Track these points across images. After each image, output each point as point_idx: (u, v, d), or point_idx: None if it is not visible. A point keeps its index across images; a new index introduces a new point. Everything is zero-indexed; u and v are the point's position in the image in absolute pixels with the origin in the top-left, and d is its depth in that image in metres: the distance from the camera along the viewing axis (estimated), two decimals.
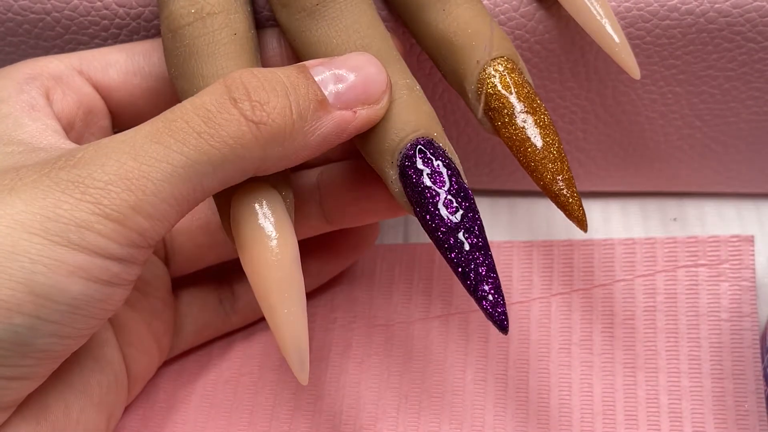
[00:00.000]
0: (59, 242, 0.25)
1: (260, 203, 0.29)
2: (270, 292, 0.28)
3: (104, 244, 0.26)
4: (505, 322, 0.28)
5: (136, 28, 0.35)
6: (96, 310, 0.27)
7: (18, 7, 0.35)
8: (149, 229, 0.26)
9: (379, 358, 0.37)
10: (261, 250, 0.28)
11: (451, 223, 0.28)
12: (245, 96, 0.27)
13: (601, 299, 0.37)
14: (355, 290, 0.40)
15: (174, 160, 0.26)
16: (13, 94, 0.31)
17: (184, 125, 0.27)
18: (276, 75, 0.28)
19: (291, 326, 0.28)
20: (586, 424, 0.34)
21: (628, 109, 0.37)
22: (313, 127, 0.28)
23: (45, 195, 0.25)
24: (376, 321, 0.38)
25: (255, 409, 0.36)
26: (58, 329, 0.26)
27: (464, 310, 0.38)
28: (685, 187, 0.40)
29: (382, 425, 0.35)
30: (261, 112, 0.27)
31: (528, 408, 0.35)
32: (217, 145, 0.27)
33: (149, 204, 0.26)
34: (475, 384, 0.36)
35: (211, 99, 0.27)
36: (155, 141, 0.26)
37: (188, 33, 0.30)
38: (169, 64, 0.31)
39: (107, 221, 0.26)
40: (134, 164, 0.26)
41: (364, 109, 0.29)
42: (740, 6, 0.33)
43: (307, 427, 0.36)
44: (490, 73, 0.30)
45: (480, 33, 0.31)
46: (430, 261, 0.40)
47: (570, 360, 0.36)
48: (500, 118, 0.30)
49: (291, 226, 0.29)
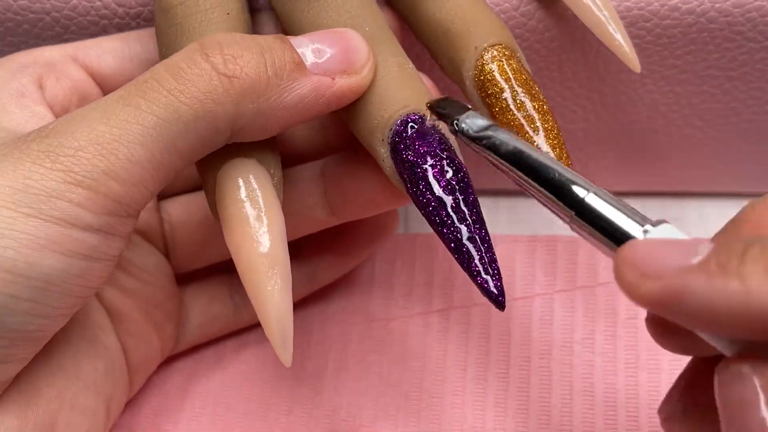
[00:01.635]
0: (30, 213, 0.25)
1: (246, 178, 0.28)
2: (253, 269, 0.27)
3: (78, 213, 0.25)
4: (501, 297, 0.27)
5: (135, 27, 0.35)
6: (74, 286, 0.26)
7: (17, 6, 0.35)
8: (125, 195, 0.26)
9: (378, 356, 0.37)
10: (245, 225, 0.28)
11: (442, 198, 0.28)
12: (218, 51, 0.27)
13: (604, 297, 0.37)
14: (355, 282, 0.39)
15: (145, 121, 0.26)
16: (3, 83, 0.31)
17: (155, 84, 0.26)
18: (253, 37, 0.28)
19: (274, 304, 0.27)
20: (587, 423, 0.34)
21: (628, 108, 0.37)
22: (289, 86, 0.27)
23: (15, 167, 0.25)
24: (375, 315, 0.38)
25: (252, 404, 0.36)
26: (32, 307, 0.25)
27: (466, 305, 0.38)
28: (685, 187, 0.40)
29: (382, 423, 0.35)
30: (233, 65, 0.27)
31: (529, 407, 0.35)
32: (187, 101, 0.26)
33: (122, 168, 0.25)
34: (475, 383, 0.36)
35: (183, 56, 0.27)
36: (126, 103, 0.26)
37: (180, 12, 0.30)
38: (160, 44, 0.30)
39: (79, 189, 0.25)
40: (105, 128, 0.25)
41: (343, 77, 0.28)
42: (741, 5, 0.33)
43: (304, 422, 0.35)
44: (488, 59, 0.30)
45: (477, 20, 0.31)
46: (432, 251, 0.39)
47: (572, 358, 0.36)
48: (498, 103, 0.30)
49: (278, 203, 0.29)
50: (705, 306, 0.20)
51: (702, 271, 0.20)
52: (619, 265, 0.21)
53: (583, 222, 0.23)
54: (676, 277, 0.20)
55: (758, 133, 0.37)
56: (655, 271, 0.21)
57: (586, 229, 0.23)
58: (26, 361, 0.27)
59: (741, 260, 0.20)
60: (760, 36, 0.34)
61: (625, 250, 0.21)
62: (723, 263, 0.20)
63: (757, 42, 0.34)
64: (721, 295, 0.20)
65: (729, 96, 0.36)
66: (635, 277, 0.21)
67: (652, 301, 0.21)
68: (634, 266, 0.21)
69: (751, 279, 0.20)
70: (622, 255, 0.21)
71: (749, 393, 0.20)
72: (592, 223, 0.23)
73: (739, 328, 0.20)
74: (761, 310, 0.20)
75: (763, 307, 0.19)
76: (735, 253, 0.20)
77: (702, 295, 0.20)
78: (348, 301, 0.39)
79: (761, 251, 0.20)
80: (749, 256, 0.20)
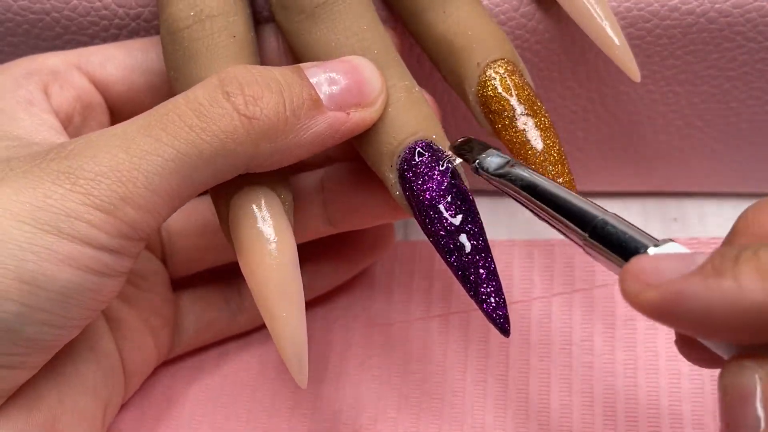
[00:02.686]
0: (49, 231, 0.25)
1: (259, 206, 0.29)
2: (268, 296, 0.28)
3: (94, 235, 0.26)
4: (507, 325, 0.28)
5: (135, 28, 0.35)
6: (87, 300, 0.27)
7: (17, 7, 0.35)
8: (139, 220, 0.27)
9: (379, 359, 0.37)
10: (259, 253, 0.28)
11: (450, 227, 0.28)
12: (238, 90, 0.27)
13: (602, 300, 0.37)
14: (355, 288, 0.39)
15: (165, 153, 0.26)
16: (9, 90, 0.31)
17: (176, 118, 0.27)
18: (271, 72, 0.28)
19: (290, 330, 0.28)
20: (586, 425, 0.34)
21: (628, 109, 0.37)
22: (306, 125, 0.28)
23: (35, 185, 0.26)
24: (376, 320, 0.38)
25: (253, 408, 0.36)
26: (49, 318, 0.26)
27: (465, 309, 0.38)
28: (685, 187, 0.40)
29: (382, 426, 0.35)
30: (254, 106, 0.27)
31: (528, 409, 0.35)
32: (208, 139, 0.27)
33: (139, 196, 0.26)
34: (475, 385, 0.36)
35: (204, 93, 0.27)
36: (147, 134, 0.26)
37: (187, 36, 0.30)
38: (168, 66, 0.31)
39: (97, 211, 0.26)
40: (125, 156, 0.26)
41: (357, 111, 0.29)
42: (741, 6, 0.33)
43: (306, 427, 0.35)
44: (491, 75, 0.30)
45: (480, 35, 0.31)
46: (431, 258, 0.39)
47: (570, 361, 0.36)
48: (501, 120, 0.30)
49: (290, 229, 0.29)
50: (702, 307, 0.21)
51: (698, 275, 0.21)
52: (623, 277, 0.22)
53: (596, 243, 0.25)
54: (674, 282, 0.21)
55: (758, 133, 0.37)
56: (656, 280, 0.22)
57: (599, 249, 0.25)
58: (37, 368, 0.28)
59: (735, 262, 0.21)
60: (760, 36, 0.34)
61: (629, 264, 0.22)
62: (718, 266, 0.21)
63: (757, 42, 0.34)
64: (716, 294, 0.21)
65: (729, 96, 0.36)
66: (637, 286, 0.22)
67: (652, 307, 0.22)
68: (636, 277, 0.22)
69: (743, 277, 0.20)
70: (626, 268, 0.22)
71: (749, 385, 0.21)
72: (605, 244, 0.24)
73: (736, 328, 0.21)
74: (754, 306, 0.20)
75: (756, 304, 0.20)
76: (729, 257, 0.21)
77: (698, 296, 0.21)
78: (349, 307, 0.39)
79: (753, 253, 0.21)
80: (742, 258, 0.21)
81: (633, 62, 0.32)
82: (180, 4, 0.30)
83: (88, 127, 0.34)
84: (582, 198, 0.26)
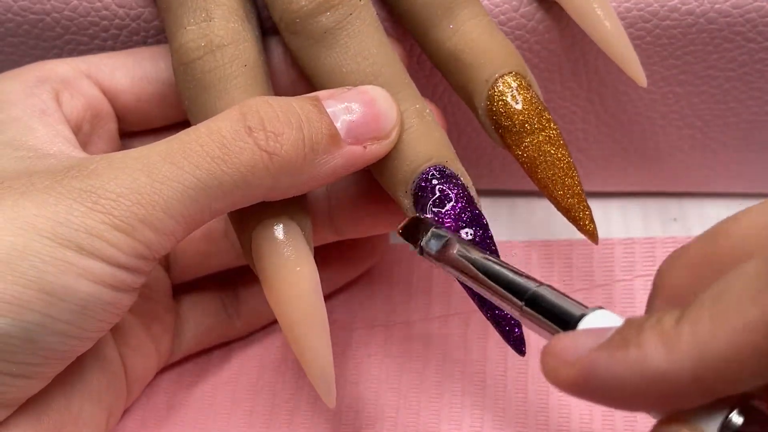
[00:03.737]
0: (69, 246, 0.26)
1: (281, 236, 0.30)
2: (295, 324, 0.29)
3: (112, 253, 0.26)
4: (522, 346, 0.30)
5: (135, 28, 0.35)
6: (103, 312, 0.27)
7: (18, 7, 0.35)
8: (156, 242, 0.27)
9: (378, 359, 0.37)
10: (284, 283, 0.29)
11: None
12: (260, 125, 0.28)
13: (601, 299, 0.37)
14: (355, 289, 0.40)
15: (186, 181, 0.27)
16: (23, 98, 0.31)
17: (199, 148, 0.27)
18: (291, 106, 0.29)
19: (317, 355, 0.29)
20: (585, 424, 0.34)
21: (628, 109, 0.37)
22: (324, 160, 0.29)
23: (57, 201, 0.26)
24: (375, 321, 0.38)
25: (254, 410, 0.36)
26: (68, 329, 0.27)
27: (464, 311, 0.38)
28: (685, 187, 0.40)
29: (382, 425, 0.35)
30: (275, 142, 0.28)
31: (527, 408, 0.35)
32: (229, 171, 0.27)
33: (158, 219, 0.27)
34: (474, 385, 0.36)
35: (226, 125, 0.28)
36: (169, 161, 0.27)
37: (199, 67, 0.30)
38: (182, 96, 0.31)
39: (116, 231, 0.26)
40: (147, 180, 0.27)
41: (374, 144, 0.29)
42: (740, 6, 0.33)
43: (306, 427, 0.36)
44: (500, 90, 0.31)
45: (488, 49, 0.31)
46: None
47: None
48: (510, 135, 0.31)
49: (311, 257, 0.30)
50: (612, 379, 0.21)
51: (606, 347, 0.21)
52: (543, 357, 0.22)
53: (532, 311, 0.25)
54: (586, 357, 0.21)
55: (758, 133, 0.37)
56: (572, 358, 0.22)
57: (533, 318, 0.25)
58: (50, 379, 0.28)
59: (639, 330, 0.21)
60: (760, 37, 0.34)
61: (548, 343, 0.23)
62: (625, 336, 0.21)
63: (757, 43, 0.34)
64: (622, 365, 0.21)
65: (728, 96, 0.36)
66: (555, 365, 0.22)
67: (569, 384, 0.22)
68: (555, 356, 0.22)
69: (646, 345, 0.21)
70: (545, 348, 0.23)
71: None
72: (539, 312, 0.25)
73: (646, 398, 0.21)
74: (658, 373, 0.20)
75: (660, 371, 0.20)
76: (634, 326, 0.21)
77: (608, 368, 0.21)
78: (348, 308, 0.39)
79: (657, 320, 0.21)
80: (646, 325, 0.21)
81: (640, 68, 0.32)
82: (190, 35, 0.30)
83: (96, 136, 0.34)
84: (518, 271, 0.27)
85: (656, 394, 0.21)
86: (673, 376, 0.20)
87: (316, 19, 0.30)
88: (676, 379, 0.20)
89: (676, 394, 0.20)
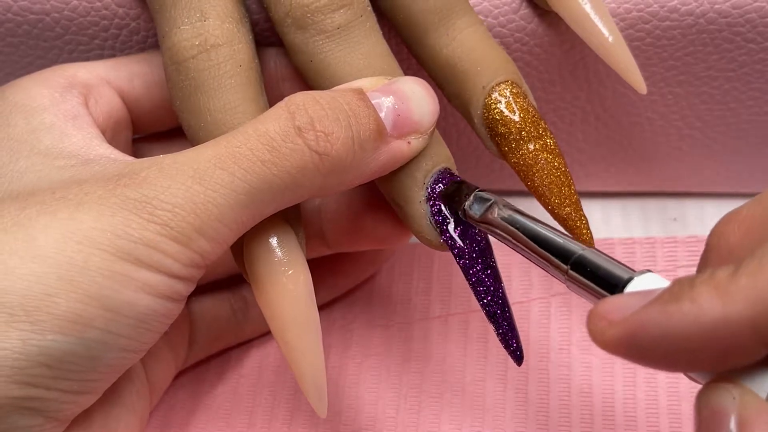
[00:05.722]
0: (128, 260, 0.26)
1: (274, 240, 0.29)
2: (286, 329, 0.29)
3: (170, 264, 0.26)
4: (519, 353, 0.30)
5: (136, 28, 0.35)
6: (158, 324, 0.27)
7: (17, 7, 0.35)
8: (209, 251, 0.27)
9: (378, 359, 0.37)
10: (276, 287, 0.29)
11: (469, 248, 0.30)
12: (309, 125, 0.27)
13: None
14: (355, 290, 0.40)
15: (238, 188, 0.27)
16: (53, 103, 0.31)
17: (248, 153, 0.27)
18: (337, 101, 0.28)
19: (308, 361, 0.29)
20: (585, 425, 0.34)
21: (628, 109, 0.37)
22: (372, 157, 0.28)
23: (113, 213, 0.26)
24: (375, 321, 0.38)
25: (254, 410, 0.37)
26: (127, 343, 0.26)
27: (464, 311, 0.38)
28: (685, 187, 0.40)
29: (382, 425, 0.35)
30: (325, 143, 0.27)
31: (527, 408, 0.35)
32: (279, 174, 0.27)
33: (212, 228, 0.27)
34: (474, 384, 0.36)
35: (275, 126, 0.27)
36: (220, 167, 0.27)
37: (193, 66, 0.30)
38: (173, 96, 0.31)
39: (173, 242, 0.26)
40: (200, 188, 0.26)
41: (417, 138, 0.29)
42: (740, 7, 0.33)
43: (306, 428, 0.36)
44: (496, 98, 0.31)
45: (483, 58, 0.31)
46: (430, 259, 0.40)
47: (569, 360, 0.36)
48: (506, 143, 0.31)
49: (305, 262, 0.30)
50: (663, 334, 0.21)
51: (656, 303, 0.21)
52: (589, 319, 0.22)
53: (577, 275, 0.25)
54: (634, 315, 0.21)
55: (757, 133, 0.37)
56: (619, 317, 0.21)
57: (579, 282, 0.25)
58: (101, 393, 0.28)
59: (691, 285, 0.21)
60: (760, 37, 0.34)
61: (595, 306, 0.22)
62: (676, 292, 0.21)
63: (757, 43, 0.34)
64: (675, 318, 0.21)
65: (728, 97, 0.36)
66: (602, 326, 0.22)
67: (617, 344, 0.22)
68: (601, 317, 0.22)
69: (701, 297, 0.20)
70: (591, 311, 0.22)
71: (725, 405, 0.21)
72: (585, 276, 0.25)
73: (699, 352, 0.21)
74: (714, 323, 0.20)
75: (715, 321, 0.20)
76: (686, 282, 0.21)
77: (659, 323, 0.21)
78: (348, 308, 0.39)
79: (709, 275, 0.21)
80: (698, 280, 0.21)
81: (639, 76, 0.32)
82: (184, 34, 0.30)
83: (115, 143, 0.33)
84: (562, 235, 0.26)
85: (712, 346, 0.20)
86: (731, 325, 0.20)
87: (328, 15, 0.30)
88: (733, 327, 0.20)
89: (733, 343, 0.20)
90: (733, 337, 0.20)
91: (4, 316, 0.24)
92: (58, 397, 0.26)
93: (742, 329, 0.20)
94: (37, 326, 0.25)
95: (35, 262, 0.25)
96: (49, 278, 0.25)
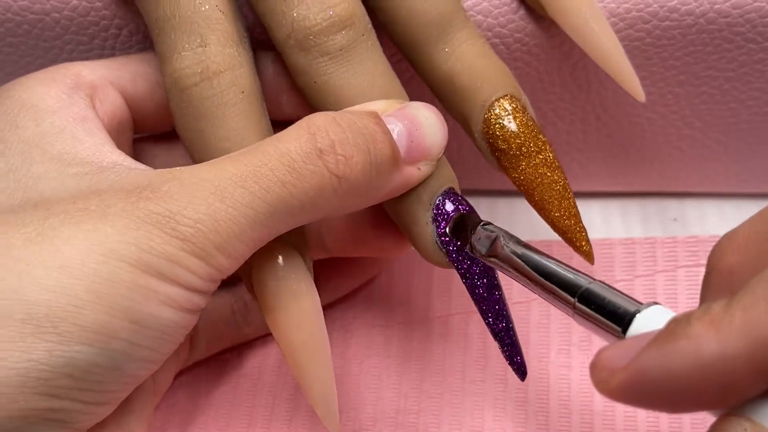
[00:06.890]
0: (151, 273, 0.26)
1: (282, 264, 0.30)
2: (297, 352, 0.29)
3: (190, 279, 0.27)
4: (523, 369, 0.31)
5: (135, 28, 0.35)
6: (178, 335, 0.28)
7: (17, 7, 0.35)
8: (227, 266, 0.27)
9: (378, 359, 0.37)
10: (286, 311, 0.29)
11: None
12: (330, 148, 0.28)
13: None
14: (355, 290, 0.40)
15: (258, 207, 0.27)
16: (62, 105, 0.30)
17: (269, 173, 0.27)
18: (356, 125, 0.28)
19: (319, 382, 0.29)
20: (585, 425, 0.34)
21: (628, 110, 0.37)
22: (386, 181, 0.29)
23: (137, 226, 0.26)
24: (375, 321, 0.38)
25: (254, 410, 0.37)
26: (149, 354, 0.27)
27: (464, 311, 0.38)
28: (685, 187, 0.40)
29: (382, 425, 0.35)
30: (345, 166, 0.28)
31: (527, 409, 0.35)
32: (298, 195, 0.27)
33: (231, 245, 0.27)
34: (474, 384, 0.36)
35: (296, 147, 0.28)
36: (241, 185, 0.27)
37: (196, 94, 0.30)
38: (175, 116, 0.31)
39: (194, 258, 0.26)
40: (221, 206, 0.27)
41: (426, 165, 0.30)
42: (740, 7, 0.33)
43: (306, 428, 0.36)
44: (496, 113, 0.31)
45: (482, 73, 0.31)
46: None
47: (569, 361, 0.36)
48: (507, 158, 0.31)
49: (313, 285, 0.30)
50: (665, 376, 0.21)
51: (654, 345, 0.21)
52: (592, 371, 0.22)
53: (584, 308, 0.25)
54: (636, 359, 0.21)
55: (757, 133, 0.37)
56: (620, 365, 0.21)
57: (587, 315, 0.25)
58: (119, 403, 0.28)
59: (688, 322, 0.21)
60: (759, 37, 0.34)
61: (595, 356, 0.22)
62: (672, 330, 0.21)
63: (756, 43, 0.34)
64: (675, 358, 0.20)
65: (728, 97, 0.36)
66: (604, 376, 0.22)
67: (622, 391, 0.21)
68: (602, 367, 0.22)
69: (698, 334, 0.20)
70: (593, 361, 0.22)
71: None
72: (592, 309, 0.25)
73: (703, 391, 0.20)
74: (712, 356, 0.20)
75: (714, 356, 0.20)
76: (683, 319, 0.21)
77: (659, 366, 0.21)
78: (349, 308, 0.39)
79: (704, 310, 0.21)
80: (694, 316, 0.21)
81: (638, 83, 0.32)
82: (186, 61, 0.30)
83: (118, 144, 0.33)
84: (568, 268, 0.27)
85: (712, 383, 0.20)
86: (728, 359, 0.20)
87: (331, 36, 0.30)
88: (730, 361, 0.20)
89: (732, 379, 0.20)
90: (732, 372, 0.20)
91: (30, 328, 0.24)
92: (81, 408, 0.26)
93: (740, 364, 0.20)
94: (63, 337, 0.25)
95: (61, 273, 0.25)
96: (76, 289, 0.25)
